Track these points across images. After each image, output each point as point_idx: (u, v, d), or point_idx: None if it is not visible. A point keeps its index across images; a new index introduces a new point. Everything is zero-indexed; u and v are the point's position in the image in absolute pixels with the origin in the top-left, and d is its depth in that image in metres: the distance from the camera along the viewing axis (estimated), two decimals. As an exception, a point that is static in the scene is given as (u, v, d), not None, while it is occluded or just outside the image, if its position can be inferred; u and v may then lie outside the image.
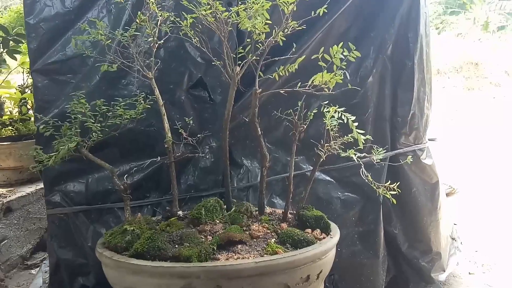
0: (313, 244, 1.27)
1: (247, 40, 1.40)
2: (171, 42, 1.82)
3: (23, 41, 2.84)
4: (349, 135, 1.42)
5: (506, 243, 2.88)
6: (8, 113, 3.23)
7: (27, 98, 3.09)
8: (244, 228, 1.36)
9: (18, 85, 3.24)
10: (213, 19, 1.31)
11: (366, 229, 1.94)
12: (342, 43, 1.23)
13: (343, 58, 1.25)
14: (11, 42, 2.84)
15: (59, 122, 1.56)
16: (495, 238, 2.96)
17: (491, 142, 6.30)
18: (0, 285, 2.37)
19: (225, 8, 1.31)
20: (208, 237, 1.32)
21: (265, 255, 1.21)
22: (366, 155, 1.44)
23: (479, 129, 7.36)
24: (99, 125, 1.48)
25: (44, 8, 1.87)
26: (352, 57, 1.25)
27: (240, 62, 1.44)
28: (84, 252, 1.88)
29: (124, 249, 1.29)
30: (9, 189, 2.85)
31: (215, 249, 1.24)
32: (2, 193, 2.74)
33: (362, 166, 1.41)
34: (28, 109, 3.13)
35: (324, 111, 1.42)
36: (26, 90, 3.13)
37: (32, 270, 2.59)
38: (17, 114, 3.16)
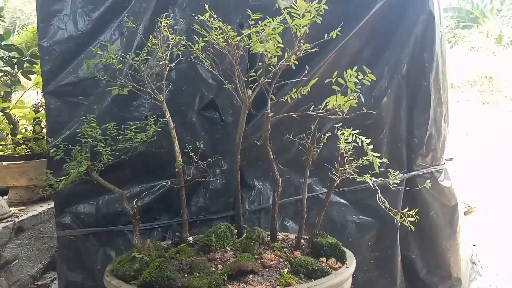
0: (328, 275, 1.22)
1: (259, 64, 1.38)
2: (182, 64, 1.82)
3: (37, 61, 2.88)
4: (364, 158, 1.38)
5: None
6: (23, 131, 3.26)
7: (40, 117, 3.12)
8: (256, 256, 1.32)
9: (32, 105, 3.27)
10: (224, 43, 1.29)
11: (383, 254, 1.88)
12: (356, 67, 1.20)
13: (358, 81, 1.21)
14: (25, 63, 2.88)
15: (70, 145, 1.56)
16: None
17: (507, 157, 6.14)
18: (10, 306, 2.35)
19: (236, 33, 1.29)
20: (219, 266, 1.27)
21: (278, 286, 1.17)
22: (382, 179, 1.39)
23: (495, 143, 7.20)
24: (109, 149, 1.47)
25: (57, 31, 1.89)
26: (367, 80, 1.22)
27: (251, 85, 1.41)
28: (94, 275, 1.85)
29: (132, 278, 1.25)
30: (21, 207, 2.85)
31: (226, 279, 1.20)
32: (14, 213, 2.74)
33: (379, 192, 1.36)
34: (42, 128, 3.14)
35: (338, 133, 1.38)
36: (40, 109, 3.16)
37: (42, 291, 2.57)
38: (30, 133, 3.19)
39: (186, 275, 1.24)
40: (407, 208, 1.35)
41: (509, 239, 3.24)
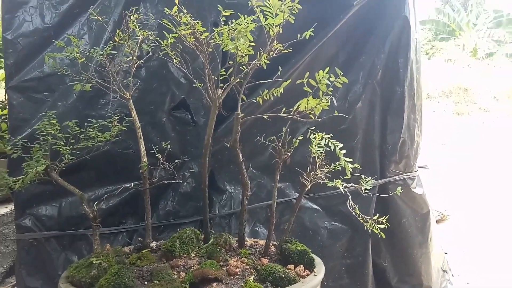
0: (295, 283, 1.17)
1: (229, 62, 1.33)
2: (153, 62, 1.76)
3: (1, 55, 2.76)
4: (337, 163, 1.34)
5: (497, 274, 2.79)
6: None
7: (7, 115, 2.98)
8: (221, 263, 1.26)
9: (-1, 101, 3.13)
10: (193, 39, 1.24)
11: (354, 261, 1.85)
12: (328, 68, 1.17)
13: (330, 84, 1.18)
14: (-9, 57, 2.75)
15: (30, 143, 1.47)
16: (487, 269, 2.87)
17: (480, 167, 6.29)
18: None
19: (205, 29, 1.25)
20: (181, 273, 1.21)
21: (242, 295, 1.11)
22: (354, 185, 1.36)
23: (469, 153, 7.37)
24: (70, 147, 1.39)
25: (22, 24, 1.79)
26: (339, 83, 1.19)
27: (222, 84, 1.36)
28: (54, 281, 1.75)
29: (89, 285, 1.18)
30: (-18, 209, 2.70)
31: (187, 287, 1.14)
32: (-26, 214, 2.60)
33: (350, 197, 1.33)
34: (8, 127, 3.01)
35: (310, 137, 1.34)
36: (6, 106, 3.03)
37: (1, 297, 2.44)
38: (-5, 131, 3.05)
39: (146, 282, 1.17)
40: (378, 215, 1.33)
41: (480, 246, 3.28)
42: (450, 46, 15.22)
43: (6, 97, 2.99)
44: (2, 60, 2.86)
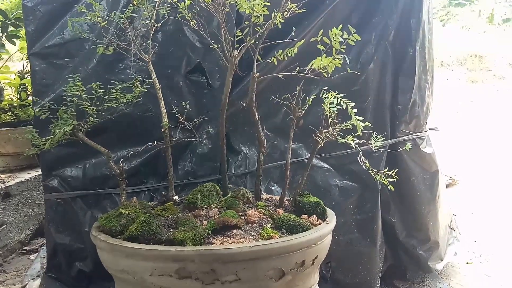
0: (308, 230, 1.26)
1: (245, 22, 1.37)
2: (169, 26, 1.80)
3: (22, 25, 2.82)
4: (348, 122, 1.40)
5: (505, 233, 2.87)
6: (9, 98, 3.22)
7: (26, 84, 3.08)
8: (240, 213, 1.35)
9: (18, 71, 3.22)
10: (210, 0, 1.28)
11: (364, 217, 1.93)
12: (341, 25, 1.21)
13: (343, 41, 1.22)
14: (10, 26, 2.82)
15: (56, 105, 1.55)
16: (494, 229, 2.95)
17: (494, 135, 6.25)
18: (-1, 269, 2.38)
19: (222, -11, 1.29)
20: (204, 221, 1.31)
21: (260, 239, 1.20)
22: (365, 141, 1.42)
23: (482, 121, 7.30)
24: (95, 108, 1.47)
25: (41, -10, 1.84)
26: (352, 40, 1.23)
27: (238, 45, 1.41)
28: (82, 237, 1.88)
29: (119, 233, 1.28)
30: (8, 174, 2.84)
31: (210, 233, 1.23)
32: (1, 179, 2.74)
33: (360, 153, 1.40)
34: (28, 95, 3.11)
35: (323, 97, 1.40)
36: (26, 75, 3.11)
37: (30, 256, 2.60)
38: (16, 99, 3.15)
39: (171, 229, 1.27)
40: (387, 169, 1.39)
41: (489, 210, 3.35)
42: (465, 12, 14.72)
43: (28, 66, 3.08)
44: (19, 30, 2.93)
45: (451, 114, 8.01)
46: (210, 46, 1.46)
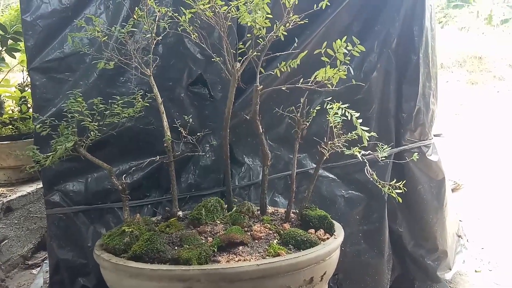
0: (316, 245, 1.23)
1: (248, 35, 1.36)
2: (170, 38, 1.79)
3: (22, 39, 2.81)
4: (353, 132, 1.38)
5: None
6: (10, 112, 3.21)
7: (27, 97, 3.06)
8: (246, 228, 1.33)
9: (18, 84, 3.21)
10: (212, 13, 1.27)
11: (371, 227, 1.90)
12: (345, 37, 1.19)
13: (347, 52, 1.21)
14: (9, 40, 2.81)
15: (57, 121, 1.53)
16: (502, 235, 2.91)
17: (496, 137, 6.22)
18: (1, 285, 2.35)
19: (224, 2, 1.27)
20: (209, 238, 1.28)
21: (267, 257, 1.18)
22: (371, 152, 1.40)
23: (483, 123, 7.28)
24: (96, 124, 1.45)
25: (40, 5, 1.83)
26: (356, 51, 1.21)
27: (240, 58, 1.39)
28: (85, 252, 1.85)
29: (122, 251, 1.25)
30: (9, 188, 2.82)
31: (216, 251, 1.20)
32: (2, 193, 2.71)
33: (367, 164, 1.37)
34: (28, 108, 3.10)
35: (327, 107, 1.38)
36: (26, 88, 3.10)
37: (33, 270, 2.57)
38: (17, 113, 3.14)
39: (176, 247, 1.24)
40: (395, 180, 1.37)
41: (495, 215, 3.31)
42: (463, 14, 14.74)
43: (28, 79, 3.07)
44: (18, 43, 2.92)
45: (452, 117, 7.98)
46: (212, 60, 1.44)
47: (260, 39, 1.33)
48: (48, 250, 1.97)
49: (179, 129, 1.57)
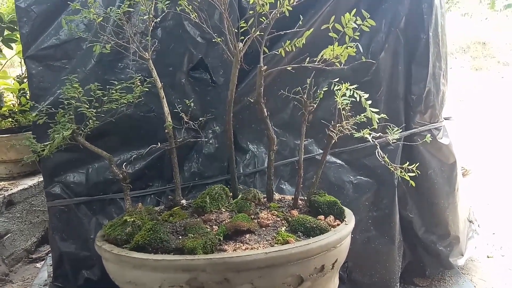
0: (327, 232, 1.18)
1: (250, 12, 1.29)
2: (168, 21, 1.72)
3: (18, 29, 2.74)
4: (362, 115, 1.32)
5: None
6: (10, 104, 3.16)
7: (26, 89, 3.01)
8: (252, 216, 1.27)
9: (17, 76, 3.16)
10: (212, -10, 1.20)
11: (381, 213, 1.85)
12: (355, 10, 1.12)
13: (356, 27, 1.14)
14: (5, 30, 2.74)
15: (55, 109, 1.48)
16: (511, 219, 2.86)
17: (501, 123, 6.14)
18: (5, 279, 2.32)
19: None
20: (214, 226, 1.23)
21: (276, 244, 1.12)
22: (382, 135, 1.33)
23: (488, 109, 7.19)
24: (94, 110, 1.39)
25: (34, -10, 1.77)
26: (366, 26, 1.14)
27: (243, 37, 1.33)
28: (87, 244, 1.81)
29: (124, 242, 1.21)
30: (11, 182, 2.78)
31: (222, 239, 1.15)
32: (4, 186, 2.67)
33: (378, 147, 1.31)
34: (28, 100, 3.04)
35: (334, 89, 1.31)
36: (25, 80, 3.05)
37: (37, 264, 2.54)
38: (16, 105, 3.09)
39: (180, 237, 1.19)
40: (407, 163, 1.30)
41: (504, 199, 3.25)
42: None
43: (25, 72, 3.01)
44: (15, 33, 2.86)
45: (457, 103, 7.88)
46: (213, 40, 1.38)
47: (263, 17, 1.26)
48: (50, 243, 1.93)
49: (181, 115, 1.51)
